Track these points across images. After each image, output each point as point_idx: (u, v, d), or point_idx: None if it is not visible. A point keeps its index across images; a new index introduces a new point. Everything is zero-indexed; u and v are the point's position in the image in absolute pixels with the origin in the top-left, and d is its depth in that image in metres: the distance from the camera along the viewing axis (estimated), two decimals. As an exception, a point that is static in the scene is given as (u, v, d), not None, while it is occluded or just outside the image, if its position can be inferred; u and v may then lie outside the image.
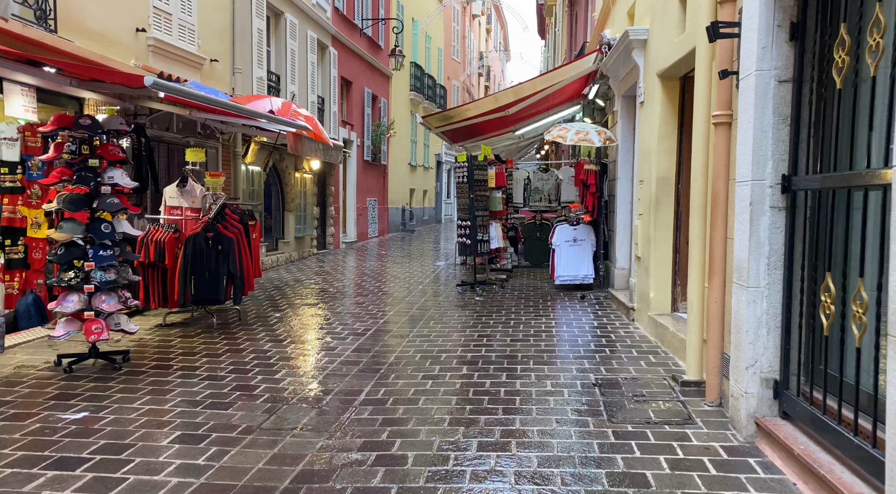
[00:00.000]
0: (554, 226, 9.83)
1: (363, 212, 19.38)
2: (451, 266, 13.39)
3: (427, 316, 7.88)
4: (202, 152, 7.23)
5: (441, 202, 32.59)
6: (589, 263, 9.52)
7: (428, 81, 28.08)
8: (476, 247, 9.63)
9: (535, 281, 11.02)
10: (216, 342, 6.47)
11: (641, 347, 6.19)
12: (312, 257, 14.76)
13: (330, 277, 11.51)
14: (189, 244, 6.76)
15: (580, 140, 8.38)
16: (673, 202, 6.51)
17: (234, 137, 10.65)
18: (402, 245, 18.86)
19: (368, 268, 12.93)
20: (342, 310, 8.29)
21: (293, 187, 13.62)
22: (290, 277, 11.42)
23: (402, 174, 24.68)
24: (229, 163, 10.68)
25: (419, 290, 9.99)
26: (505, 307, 8.48)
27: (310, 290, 9.96)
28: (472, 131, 11.86)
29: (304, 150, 8.34)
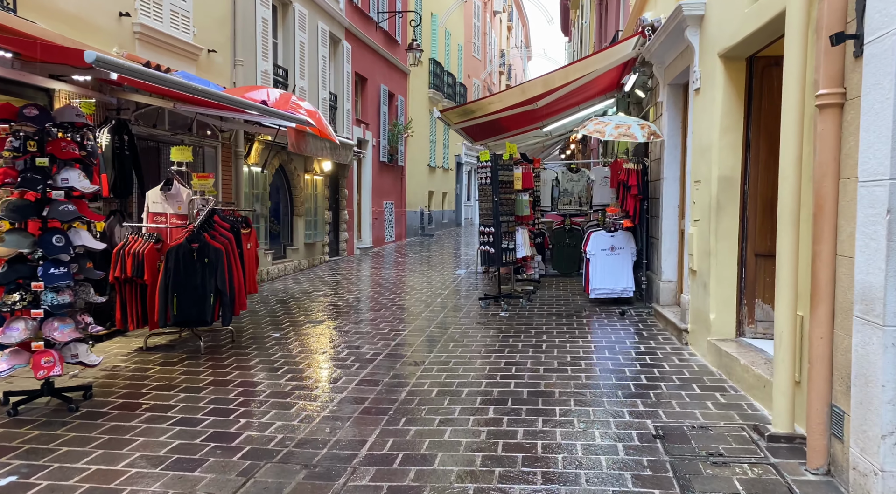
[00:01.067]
0: (588, 233, 8.84)
1: (379, 216, 18.51)
2: (473, 274, 12.44)
3: (446, 337, 6.93)
4: (189, 151, 6.37)
5: (461, 205, 31.66)
6: (628, 274, 8.51)
7: (447, 79, 27.18)
8: (501, 255, 8.68)
9: (566, 292, 10.02)
10: (200, 371, 5.59)
11: (703, 381, 5.18)
12: (324, 265, 13.90)
13: (341, 288, 10.62)
14: (170, 257, 5.89)
15: (621, 135, 7.39)
16: (738, 206, 5.50)
17: (234, 136, 9.81)
18: (421, 251, 17.96)
19: (383, 278, 12.03)
20: (351, 329, 7.38)
21: (302, 190, 12.78)
22: (297, 288, 10.55)
23: (421, 176, 23.79)
24: (230, 164, 9.85)
25: (438, 304, 9.06)
26: (534, 325, 7.50)
27: (317, 304, 9.07)
28: (495, 128, 10.92)
29: (309, 149, 7.46)
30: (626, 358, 5.96)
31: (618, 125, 7.51)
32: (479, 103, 8.71)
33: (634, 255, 8.56)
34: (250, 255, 6.77)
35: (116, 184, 6.82)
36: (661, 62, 7.64)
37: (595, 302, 8.84)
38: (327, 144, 8.14)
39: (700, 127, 5.99)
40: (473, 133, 10.43)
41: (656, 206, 8.06)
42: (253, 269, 6.85)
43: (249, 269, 6.67)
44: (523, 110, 9.22)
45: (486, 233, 8.73)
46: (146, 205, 6.60)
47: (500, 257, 8.67)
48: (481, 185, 8.80)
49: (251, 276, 6.74)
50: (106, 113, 6.99)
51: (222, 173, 9.63)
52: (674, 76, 7.24)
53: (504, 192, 8.67)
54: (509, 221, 8.78)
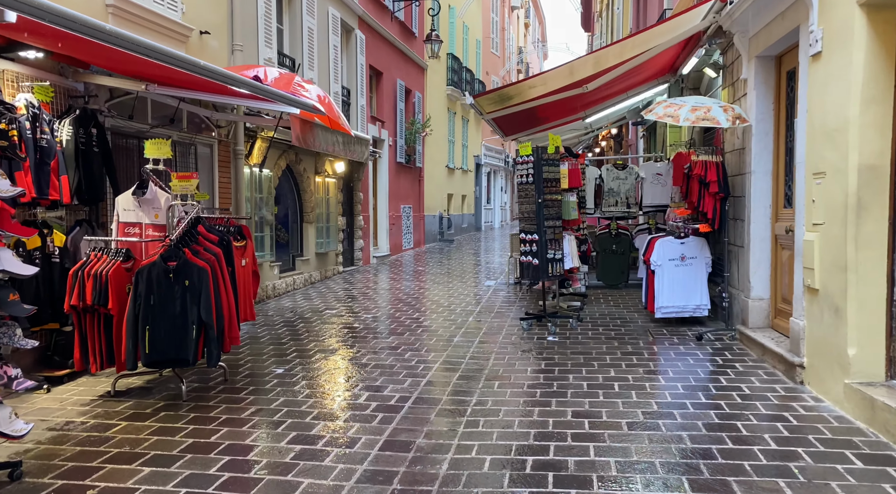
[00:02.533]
0: (651, 240, 7.49)
1: (396, 222, 17.26)
2: (504, 286, 11.13)
3: (488, 373, 5.62)
4: (166, 145, 5.13)
5: (481, 208, 30.36)
6: (702, 289, 7.15)
7: (466, 75, 25.92)
8: (546, 267, 7.35)
9: (619, 308, 8.67)
10: (178, 429, 4.32)
11: (860, 448, 3.81)
12: (337, 277, 12.65)
13: (357, 305, 9.35)
14: (141, 279, 4.65)
15: (699, 119, 6.05)
16: (888, 205, 4.15)
17: (233, 131, 8.59)
18: (442, 259, 16.66)
19: (405, 292, 10.74)
20: (370, 361, 6.10)
21: (313, 194, 11.54)
22: (307, 306, 9.29)
23: (439, 177, 22.53)
24: (228, 165, 8.63)
25: (470, 324, 7.75)
26: (594, 355, 6.17)
27: (330, 326, 7.80)
28: (531, 119, 9.62)
29: (317, 142, 6.21)
30: (732, 404, 4.61)
31: (695, 107, 6.18)
32: (518, 87, 7.41)
33: (709, 266, 7.20)
34: (245, 275, 5.52)
35: (81, 187, 5.60)
36: (744, 31, 6.30)
37: (660, 323, 7.49)
38: (339, 138, 6.88)
39: (823, 102, 4.64)
40: (506, 124, 9.14)
41: (739, 207, 6.71)
42: (249, 292, 5.59)
43: (244, 292, 5.42)
44: (568, 95, 7.91)
45: (529, 240, 7.41)
46: (115, 213, 5.36)
47: (546, 269, 7.35)
48: (521, 184, 7.49)
49: (246, 301, 5.49)
50: (70, 101, 5.78)
51: (219, 175, 8.41)
52: (765, 46, 5.90)
53: (549, 192, 7.35)
54: (555, 226, 7.46)
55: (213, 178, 8.28)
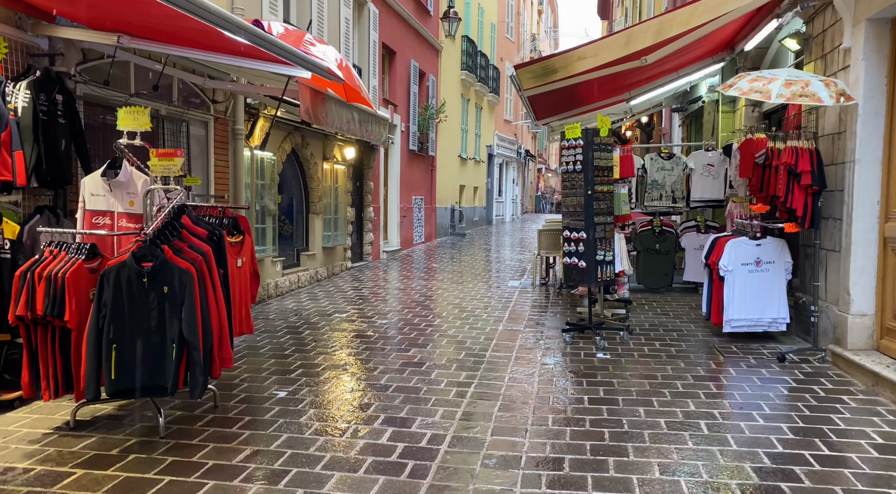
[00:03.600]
0: (718, 240, 6.47)
1: (408, 214, 16.25)
2: (529, 286, 10.13)
3: (536, 403, 4.62)
4: (145, 115, 4.13)
5: (492, 201, 29.32)
6: (781, 299, 6.14)
7: (480, 60, 24.85)
8: (595, 271, 6.35)
9: (669, 317, 7.67)
10: (149, 481, 3.35)
11: None
12: (346, 273, 11.65)
13: (369, 307, 8.36)
14: (106, 284, 3.66)
15: (796, 95, 5.03)
16: None
17: (231, 108, 7.58)
18: (456, 254, 15.66)
19: (421, 293, 9.75)
20: (390, 381, 5.11)
21: (320, 182, 10.54)
22: (314, 307, 8.30)
23: (452, 168, 21.50)
24: (225, 146, 7.63)
25: (503, 335, 6.76)
26: (659, 379, 5.17)
27: (340, 334, 6.82)
28: (570, 98, 8.59)
29: (329, 118, 5.21)
30: (865, 458, 3.61)
31: (789, 81, 5.14)
32: (564, 58, 6.38)
33: (790, 272, 6.18)
34: (241, 278, 4.52)
35: (42, 166, 4.60)
36: (849, -10, 5.26)
37: (726, 337, 6.48)
38: (355, 115, 5.88)
39: None
40: (542, 104, 8.11)
41: (833, 203, 5.68)
42: (246, 299, 4.60)
43: (240, 300, 4.44)
44: (621, 70, 6.88)
45: (574, 239, 6.40)
46: (81, 198, 4.37)
47: (595, 273, 6.34)
48: (567, 173, 6.47)
49: (242, 311, 4.50)
50: (30, 60, 4.78)
51: (215, 158, 7.41)
52: (881, 6, 4.86)
53: (600, 182, 6.34)
54: (606, 223, 6.45)
55: (207, 161, 7.29)
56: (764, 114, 8.92)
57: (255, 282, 5.16)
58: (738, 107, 9.34)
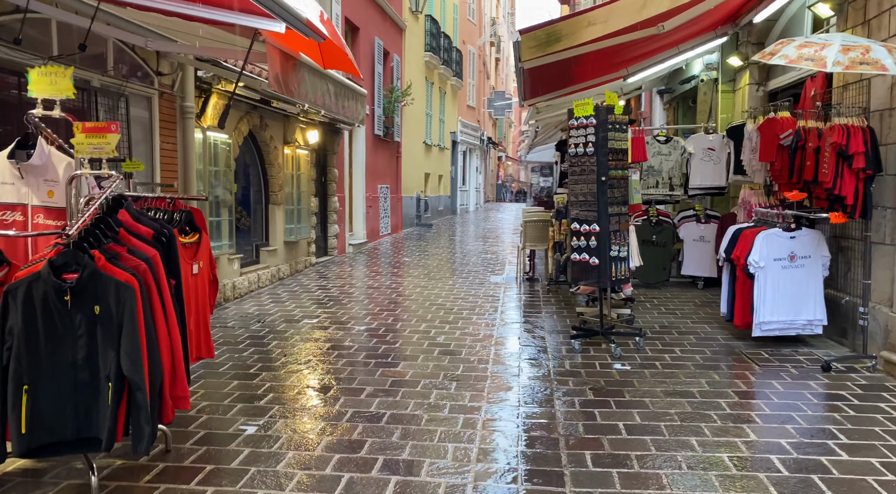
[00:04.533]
0: (743, 232, 5.79)
1: (374, 203, 15.32)
2: (512, 282, 9.37)
3: (565, 434, 3.84)
4: (66, 78, 3.16)
5: (456, 189, 28.52)
6: (817, 299, 5.51)
7: (444, 42, 23.94)
8: (609, 268, 5.61)
9: (678, 317, 7.00)
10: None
11: None
12: (310, 270, 10.69)
13: (341, 310, 7.46)
14: (13, 303, 2.72)
15: (855, 62, 4.35)
16: None
17: (179, 81, 6.55)
18: (426, 246, 14.81)
19: (396, 291, 8.88)
20: (383, 409, 4.26)
21: (281, 168, 9.55)
22: (279, 311, 7.37)
23: (417, 155, 20.59)
24: (172, 126, 6.62)
25: (498, 340, 5.97)
26: (698, 397, 4.46)
27: (313, 344, 5.92)
28: (563, 74, 7.81)
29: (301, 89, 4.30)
30: None
31: (846, 47, 4.46)
32: (572, 23, 5.56)
33: (826, 268, 5.55)
34: (199, 288, 3.59)
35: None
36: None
37: (752, 342, 5.82)
38: (330, 87, 4.97)
39: None
40: (536, 80, 7.29)
41: (884, 190, 5.04)
42: (205, 315, 3.68)
43: (198, 317, 3.52)
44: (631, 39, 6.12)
45: (586, 233, 5.63)
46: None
47: (609, 271, 5.60)
48: (575, 156, 5.70)
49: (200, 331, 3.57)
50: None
51: (161, 140, 6.39)
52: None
53: (615, 167, 5.59)
54: (621, 214, 5.71)
55: (152, 144, 6.27)
56: (770, 93, 8.33)
57: (214, 290, 4.23)
58: (739, 86, 8.73)
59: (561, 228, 8.79)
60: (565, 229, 8.79)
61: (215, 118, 7.34)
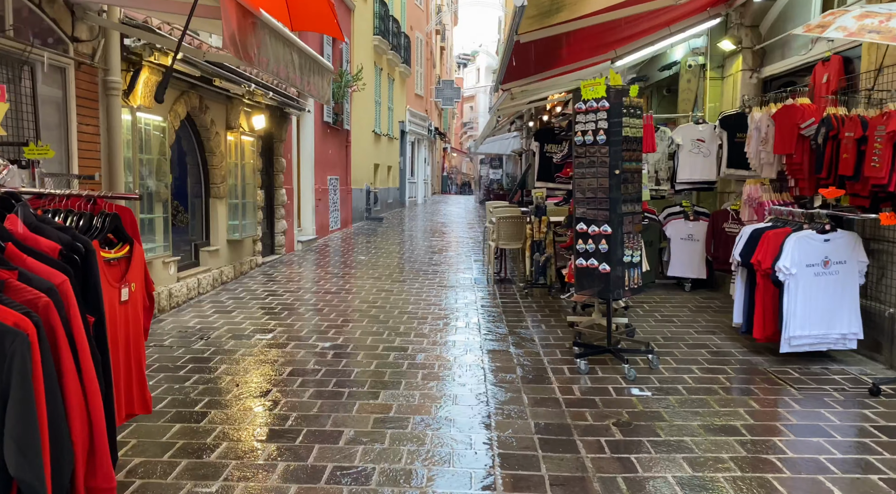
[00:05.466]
0: (766, 232, 5.14)
1: (323, 196, 14.27)
2: (482, 283, 8.58)
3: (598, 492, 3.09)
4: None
5: (405, 181, 27.57)
6: (853, 309, 4.92)
7: (392, 26, 22.91)
8: (623, 276, 4.87)
9: (679, 327, 6.36)
10: None
11: None
12: (257, 271, 9.62)
13: (298, 321, 6.51)
14: None
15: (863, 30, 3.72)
16: None
17: (101, 49, 5.45)
18: (380, 243, 13.87)
19: (358, 296, 7.96)
20: (367, 460, 3.40)
21: (223, 157, 8.47)
22: (225, 323, 6.35)
23: (366, 144, 19.56)
24: (94, 105, 5.52)
25: (488, 359, 5.16)
26: (744, 435, 3.77)
27: (269, 368, 4.97)
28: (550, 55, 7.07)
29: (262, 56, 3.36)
30: None
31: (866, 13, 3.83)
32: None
33: (863, 275, 4.96)
34: (131, 320, 2.63)
35: None
36: None
37: (777, 357, 5.20)
38: (294, 57, 4.02)
39: None
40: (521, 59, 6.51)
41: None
42: (139, 355, 2.72)
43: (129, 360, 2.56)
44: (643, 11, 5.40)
45: (595, 235, 4.88)
46: None
47: (623, 279, 4.86)
48: (582, 146, 4.92)
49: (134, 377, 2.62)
50: None
51: (79, 121, 5.29)
52: None
53: (629, 158, 4.85)
54: (635, 213, 4.98)
55: (66, 126, 5.17)
56: (765, 80, 7.79)
57: (149, 314, 3.26)
58: (729, 72, 8.16)
59: (541, 226, 8.07)
60: (545, 227, 8.07)
61: (147, 96, 6.25)
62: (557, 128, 8.20)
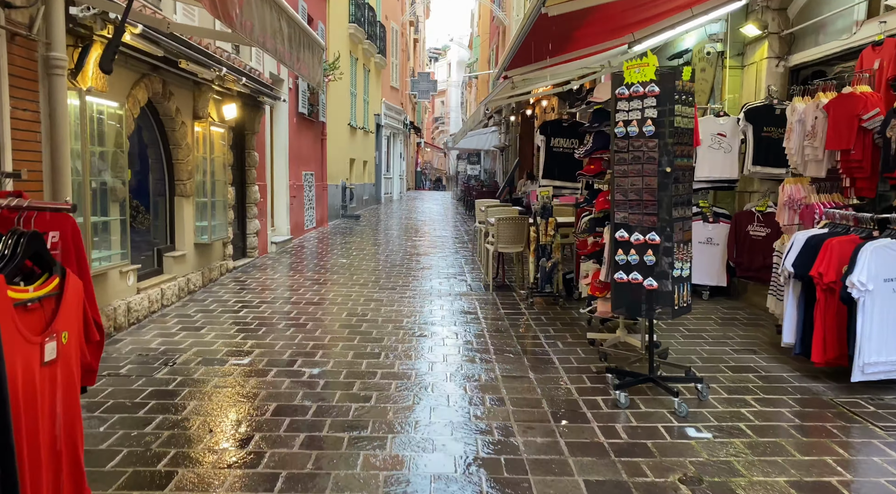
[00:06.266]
0: (824, 241, 4.47)
1: (298, 193, 13.36)
2: (482, 290, 7.82)
3: None
4: None
5: (381, 176, 26.68)
6: (936, 331, 4.26)
7: (368, 14, 22.00)
8: (672, 293, 4.15)
9: (713, 345, 5.68)
10: None
11: None
12: (228, 278, 8.72)
13: (279, 340, 5.67)
14: None
15: None
16: None
17: (41, 18, 4.53)
18: (361, 244, 13.02)
19: (344, 308, 7.14)
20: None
21: (191, 151, 7.56)
22: (193, 343, 5.49)
23: (342, 138, 18.66)
24: (33, 86, 4.61)
25: (509, 391, 4.40)
26: None
27: (248, 405, 4.13)
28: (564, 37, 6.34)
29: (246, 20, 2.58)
30: None
31: None
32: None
33: (947, 291, 4.31)
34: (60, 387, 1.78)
35: None
36: None
37: (843, 386, 4.53)
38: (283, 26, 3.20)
39: None
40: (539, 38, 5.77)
41: None
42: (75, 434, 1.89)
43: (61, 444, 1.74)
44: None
45: (639, 244, 4.14)
46: None
47: (672, 297, 4.14)
48: (624, 138, 4.18)
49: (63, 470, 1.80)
50: None
51: (12, 105, 4.38)
52: None
53: (680, 154, 4.12)
54: (685, 219, 4.25)
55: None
56: (793, 69, 7.16)
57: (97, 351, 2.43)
58: (751, 60, 7.52)
59: (548, 228, 7.34)
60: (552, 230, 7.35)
61: (100, 78, 5.34)
62: (566, 120, 7.48)
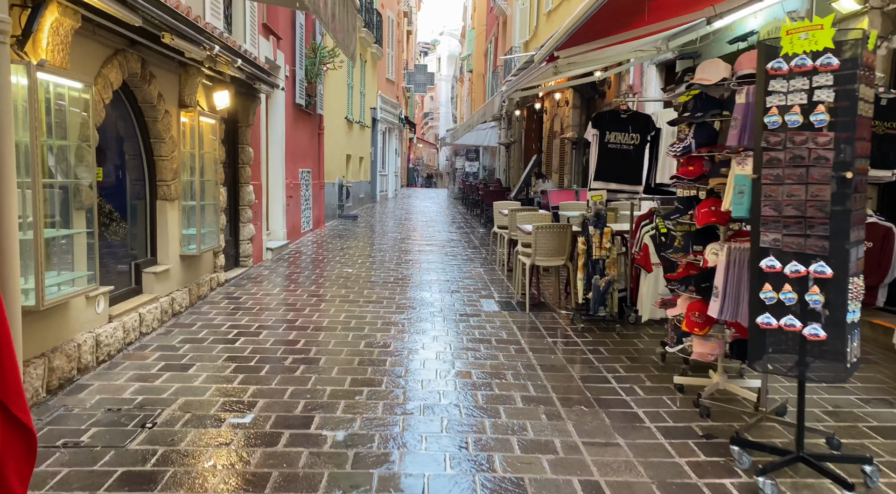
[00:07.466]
0: None
1: (295, 192, 12.15)
2: (516, 308, 6.68)
3: None
4: None
5: (376, 174, 25.47)
6: None
7: (366, 0, 20.77)
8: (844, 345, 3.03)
9: (834, 393, 4.58)
10: None
11: None
12: (219, 294, 7.51)
13: (283, 385, 4.50)
14: None
15: None
16: None
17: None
18: (363, 248, 11.84)
19: (359, 335, 5.98)
20: None
21: (176, 145, 6.36)
22: (176, 389, 4.30)
23: (339, 132, 17.45)
24: (-41, 55, 3.40)
25: (603, 484, 3.28)
26: None
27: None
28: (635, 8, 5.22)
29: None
30: None
31: None
32: None
33: None
34: None
35: None
36: None
37: None
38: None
39: None
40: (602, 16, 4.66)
41: None
42: None
43: None
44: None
45: (798, 277, 3.02)
46: None
47: (844, 349, 3.02)
48: (779, 130, 3.06)
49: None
50: None
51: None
52: None
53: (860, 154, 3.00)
54: (859, 242, 3.13)
55: None
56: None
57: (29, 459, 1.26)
58: (840, 43, 6.40)
59: (602, 240, 6.22)
60: (608, 241, 6.24)
61: (58, 50, 4.15)
62: (623, 111, 6.37)
